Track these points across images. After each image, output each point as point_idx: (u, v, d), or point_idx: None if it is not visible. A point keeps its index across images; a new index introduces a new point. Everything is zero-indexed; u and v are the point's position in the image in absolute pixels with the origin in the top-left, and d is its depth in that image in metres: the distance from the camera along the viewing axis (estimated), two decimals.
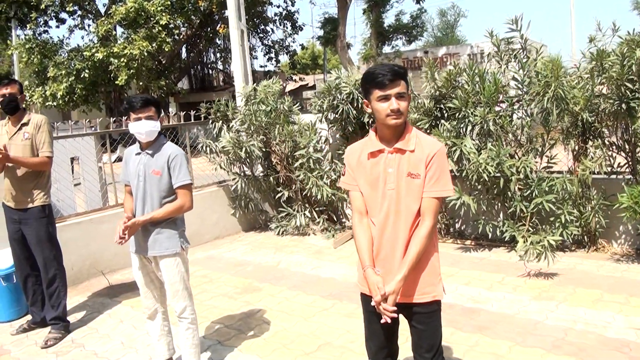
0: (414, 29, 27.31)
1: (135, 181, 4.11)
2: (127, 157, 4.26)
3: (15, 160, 5.10)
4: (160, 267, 4.13)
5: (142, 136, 4.02)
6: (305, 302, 5.84)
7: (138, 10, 21.79)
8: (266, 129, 8.71)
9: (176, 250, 4.11)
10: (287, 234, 8.73)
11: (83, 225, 6.98)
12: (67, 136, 7.14)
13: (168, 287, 4.15)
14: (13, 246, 5.50)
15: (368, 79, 2.88)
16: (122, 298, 6.36)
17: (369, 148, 3.00)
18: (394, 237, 2.94)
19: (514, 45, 7.59)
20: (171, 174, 4.06)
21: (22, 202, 5.27)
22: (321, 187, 8.13)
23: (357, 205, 3.05)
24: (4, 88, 5.27)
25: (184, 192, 4.09)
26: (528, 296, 5.69)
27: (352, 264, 6.99)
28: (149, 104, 4.03)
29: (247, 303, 5.91)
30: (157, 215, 4.01)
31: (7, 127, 5.36)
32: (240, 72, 9.70)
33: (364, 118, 8.20)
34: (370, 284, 2.92)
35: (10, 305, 5.96)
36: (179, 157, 4.09)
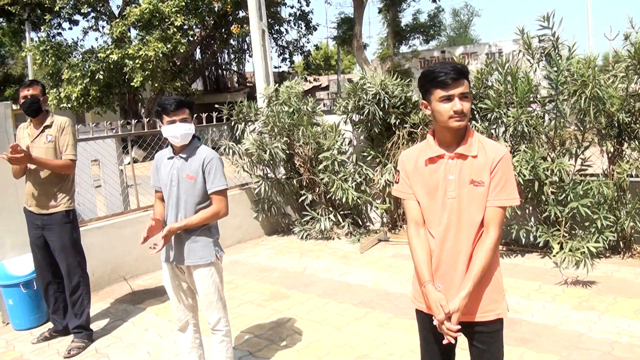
0: (431, 28, 27.04)
1: (168, 187, 3.92)
2: (158, 161, 4.06)
3: (37, 161, 4.91)
4: (194, 277, 3.94)
5: (177, 140, 3.82)
6: (337, 310, 5.62)
7: (153, 11, 21.72)
8: (289, 130, 8.51)
9: (211, 259, 3.91)
10: (310, 238, 8.52)
11: (105, 229, 6.81)
12: (89, 138, 6.97)
13: (202, 298, 3.96)
14: (35, 252, 5.31)
15: (428, 77, 2.67)
16: (146, 305, 6.17)
17: (427, 153, 2.79)
18: (455, 250, 2.72)
19: (545, 43, 7.35)
20: (206, 179, 3.87)
21: (45, 206, 5.09)
22: (346, 190, 7.92)
23: (413, 215, 2.84)
24: (25, 89, 5.11)
25: (219, 197, 3.90)
26: (568, 306, 5.46)
27: (381, 270, 6.79)
28: (182, 105, 3.83)
29: (276, 311, 5.71)
30: (191, 222, 3.82)
31: (29, 129, 5.19)
32: (261, 72, 9.51)
33: (390, 119, 7.98)
34: (431, 301, 2.69)
35: (30, 313, 5.78)
36: (214, 160, 3.89)
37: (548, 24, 7.08)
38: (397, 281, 6.37)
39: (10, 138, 5.84)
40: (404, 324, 5.16)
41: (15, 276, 5.66)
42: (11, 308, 5.74)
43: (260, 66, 9.50)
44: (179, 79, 25.06)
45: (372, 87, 7.85)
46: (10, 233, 5.84)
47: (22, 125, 5.32)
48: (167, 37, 22.15)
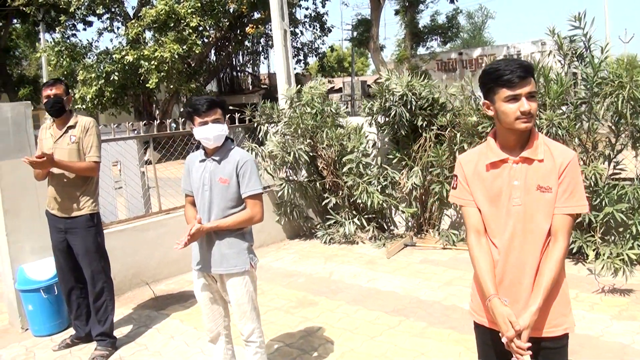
0: (449, 29, 26.81)
1: (200, 190, 3.72)
2: (189, 164, 3.87)
3: (60, 165, 4.74)
4: (227, 286, 3.74)
5: (210, 142, 3.63)
6: (368, 318, 5.42)
7: (168, 12, 21.62)
8: (312, 132, 8.32)
9: (245, 267, 3.72)
10: (334, 242, 8.32)
11: (126, 233, 6.64)
12: (110, 139, 6.80)
13: (235, 308, 3.76)
14: (57, 256, 5.14)
15: (492, 76, 2.47)
16: (170, 311, 5.99)
17: (489, 157, 2.59)
18: (521, 261, 2.53)
19: (576, 44, 7.14)
20: (240, 182, 3.67)
21: (69, 209, 4.92)
22: (372, 193, 7.72)
23: (474, 223, 2.64)
24: (48, 89, 4.94)
25: (254, 201, 3.70)
26: (608, 315, 5.24)
27: (410, 276, 6.58)
28: (215, 105, 3.64)
29: (305, 319, 5.51)
30: (224, 224, 3.63)
31: (52, 129, 5.02)
32: (283, 73, 9.34)
33: (417, 121, 7.78)
34: (498, 316, 2.48)
35: (51, 319, 5.61)
36: (248, 163, 3.69)
37: (580, 24, 6.87)
38: (428, 288, 6.16)
39: (31, 139, 5.69)
40: (440, 334, 4.96)
41: (36, 281, 5.48)
42: (31, 314, 5.57)
43: (283, 67, 9.33)
44: (194, 80, 24.94)
45: (398, 88, 7.65)
46: (30, 237, 5.67)
47: (44, 125, 5.15)
48: (182, 38, 22.06)
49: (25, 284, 5.47)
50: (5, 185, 5.49)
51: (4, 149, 5.46)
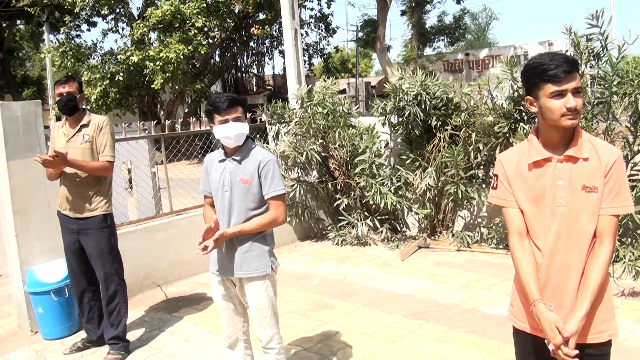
0: (456, 30, 26.70)
1: (220, 191, 3.59)
2: (208, 164, 3.74)
3: (73, 164, 4.63)
4: (246, 290, 3.60)
5: (231, 141, 3.49)
6: (387, 322, 5.29)
7: (174, 13, 21.51)
8: (324, 132, 8.21)
9: (266, 271, 3.58)
10: (345, 243, 8.19)
11: (137, 234, 6.53)
12: (122, 139, 6.68)
13: (254, 313, 3.61)
14: (69, 258, 5.03)
15: (537, 71, 2.36)
16: (183, 313, 5.87)
17: (532, 156, 2.47)
18: (565, 264, 2.41)
19: (593, 43, 7.02)
20: (262, 183, 3.53)
21: (82, 210, 4.80)
22: (385, 194, 7.60)
23: (516, 224, 2.52)
24: (61, 86, 4.82)
25: (277, 203, 3.56)
26: (630, 319, 5.12)
27: (426, 279, 6.46)
28: (235, 103, 3.50)
29: (322, 322, 5.38)
30: (246, 228, 3.49)
31: (65, 128, 4.91)
32: (293, 72, 9.24)
33: (431, 121, 7.66)
34: (544, 322, 2.35)
35: (62, 322, 5.49)
36: (271, 163, 3.55)
37: (597, 23, 6.76)
38: (446, 291, 6.04)
39: (41, 138, 5.58)
40: (461, 338, 4.84)
41: (46, 283, 5.37)
42: (41, 316, 5.45)
43: (293, 66, 9.22)
44: (198, 81, 24.84)
45: (412, 87, 7.53)
46: (39, 238, 5.56)
47: (57, 124, 5.04)
48: (187, 38, 21.97)
49: (35, 286, 5.36)
50: (15, 185, 5.38)
51: (14, 148, 5.35)
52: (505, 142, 7.05)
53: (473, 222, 7.97)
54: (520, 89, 6.94)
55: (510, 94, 7.09)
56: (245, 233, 3.51)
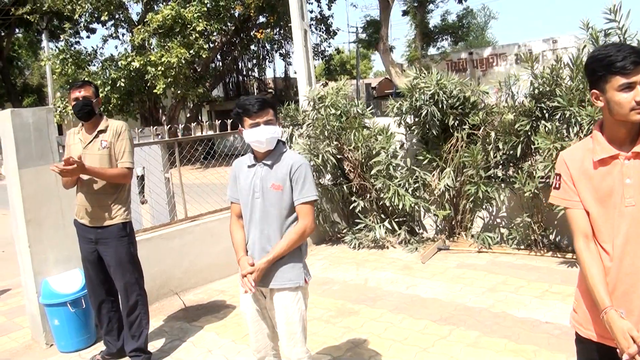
0: (460, 29, 26.57)
1: (249, 198, 3.39)
2: (236, 170, 3.55)
3: (91, 172, 4.46)
4: (275, 302, 3.40)
5: (262, 145, 3.32)
6: (416, 328, 5.12)
7: (175, 17, 21.38)
8: (338, 134, 8.04)
9: (299, 282, 3.39)
10: (363, 247, 8.02)
11: (152, 242, 6.36)
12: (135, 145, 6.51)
13: (283, 327, 3.40)
14: (87, 268, 4.85)
15: (604, 62, 2.20)
16: (203, 322, 5.70)
17: (597, 153, 2.31)
18: (636, 267, 2.26)
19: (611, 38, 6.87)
20: (293, 188, 3.34)
21: (100, 219, 4.62)
22: (403, 196, 7.44)
23: (582, 226, 2.36)
24: (77, 91, 4.65)
25: (306, 210, 3.35)
26: None
27: (450, 282, 6.29)
28: (266, 106, 3.32)
29: (349, 329, 5.21)
30: (280, 252, 3.29)
31: (81, 134, 4.73)
32: (304, 74, 9.06)
33: (447, 120, 7.50)
34: (616, 330, 2.19)
35: (78, 333, 5.32)
36: (303, 167, 3.36)
37: (615, 17, 6.62)
38: (472, 294, 5.87)
39: (54, 145, 5.43)
40: (495, 344, 4.66)
41: (62, 294, 5.20)
42: (57, 329, 5.28)
43: (303, 67, 9.05)
44: (200, 85, 24.72)
45: (429, 86, 7.37)
46: (54, 247, 5.40)
47: (72, 130, 4.86)
48: (189, 43, 21.85)
49: (50, 297, 5.20)
50: (28, 195, 5.22)
51: (26, 156, 5.20)
52: (527, 141, 6.89)
53: (492, 222, 7.81)
54: (542, 85, 6.78)
55: (530, 90, 6.93)
56: (280, 256, 3.32)
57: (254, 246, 3.40)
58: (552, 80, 6.68)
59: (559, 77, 6.70)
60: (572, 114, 6.37)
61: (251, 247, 3.42)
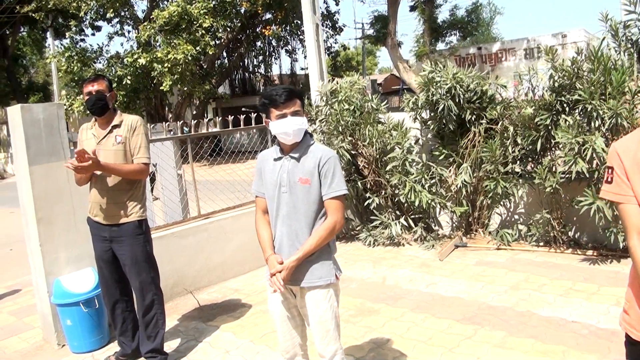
0: (469, 23, 26.36)
1: (276, 192, 3.25)
2: (262, 163, 3.40)
3: (106, 168, 4.31)
4: (307, 300, 3.27)
5: (289, 137, 3.18)
6: (439, 327, 4.97)
7: (181, 14, 21.25)
8: (352, 129, 7.89)
9: (330, 279, 3.26)
10: (377, 244, 7.87)
11: (165, 240, 6.22)
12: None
13: (316, 326, 3.28)
14: (100, 267, 4.71)
15: None
16: (219, 322, 5.56)
17: None
18: None
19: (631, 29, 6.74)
20: (322, 182, 3.19)
21: (115, 216, 4.48)
22: (419, 192, 7.29)
23: (636, 222, 2.18)
24: (90, 85, 4.50)
25: (336, 205, 3.20)
26: None
27: (471, 280, 6.14)
28: (293, 96, 3.18)
29: (370, 328, 5.05)
30: (309, 250, 3.15)
31: (95, 130, 4.58)
32: (316, 68, 8.91)
33: (464, 115, 7.33)
34: None
35: (91, 334, 5.19)
36: (332, 159, 3.21)
37: (634, 9, 6.49)
38: (494, 293, 5.72)
39: (64, 141, 5.29)
40: (522, 344, 4.51)
41: (74, 294, 5.07)
42: (69, 329, 5.15)
43: (315, 62, 8.90)
44: (207, 82, 24.59)
45: (445, 80, 7.21)
46: (65, 246, 5.27)
47: (85, 125, 4.72)
48: (195, 39, 21.72)
49: (63, 297, 5.06)
50: (38, 192, 5.09)
51: (36, 153, 5.07)
52: (547, 135, 6.73)
53: (510, 219, 7.65)
54: (561, 78, 6.62)
55: (550, 84, 6.77)
56: (310, 254, 3.19)
57: (282, 243, 3.26)
58: (572, 73, 6.52)
59: (580, 70, 6.53)
60: (594, 108, 6.21)
61: (278, 244, 3.28)
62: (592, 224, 6.64)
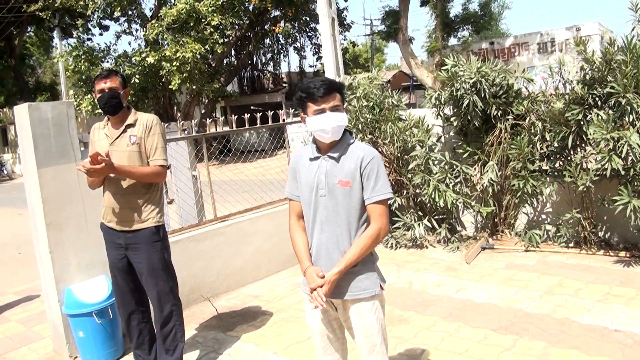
0: (482, 18, 25.99)
1: (313, 196, 2.95)
2: (296, 163, 3.10)
3: (120, 171, 4.02)
4: (351, 314, 2.98)
5: (327, 135, 2.87)
6: (475, 337, 4.65)
7: (189, 11, 20.99)
8: (372, 127, 7.59)
9: (375, 290, 2.97)
10: (399, 246, 7.55)
11: (181, 244, 5.92)
12: None
13: (362, 340, 3.00)
14: (115, 276, 4.42)
15: None
16: (239, 332, 5.27)
17: None
18: None
19: None
20: (364, 185, 2.89)
21: (130, 222, 4.19)
22: (443, 192, 6.98)
23: None
24: (102, 82, 4.22)
25: (380, 210, 2.90)
26: None
27: (502, 285, 5.83)
28: (333, 89, 2.88)
29: (401, 339, 4.74)
30: (353, 259, 2.86)
31: (107, 129, 4.30)
32: (332, 63, 8.63)
33: (490, 110, 7.01)
34: None
35: (105, 346, 4.90)
36: (375, 160, 2.90)
37: None
38: (529, 298, 5.40)
39: (75, 142, 5.01)
40: (566, 356, 4.21)
41: (87, 304, 4.79)
42: (81, 341, 4.87)
43: (331, 57, 8.61)
44: (216, 80, 24.34)
45: (470, 75, 6.90)
46: (77, 252, 4.99)
47: (97, 125, 4.43)
48: (203, 37, 21.47)
49: (74, 307, 4.79)
50: (48, 196, 4.81)
51: (45, 154, 4.80)
52: (578, 131, 6.41)
53: (537, 218, 7.33)
54: (593, 70, 6.30)
55: (581, 76, 6.45)
56: (353, 265, 2.89)
57: (319, 252, 2.97)
58: (605, 66, 6.20)
59: (612, 62, 6.21)
60: (628, 101, 5.89)
61: (316, 252, 2.99)
62: (623, 224, 6.34)
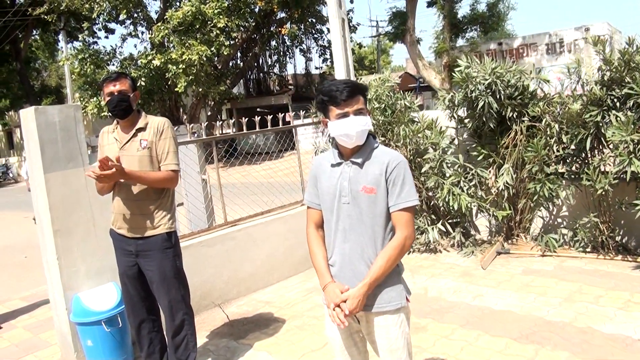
0: (490, 18, 25.82)
1: (335, 203, 2.80)
2: (317, 169, 2.95)
3: (131, 176, 3.89)
4: (376, 327, 2.83)
5: (351, 140, 2.73)
6: (496, 347, 4.50)
7: (195, 14, 20.91)
8: (384, 129, 7.45)
9: (401, 303, 2.82)
10: (413, 251, 7.40)
11: (191, 250, 5.79)
12: None
13: (386, 354, 2.84)
14: (125, 284, 4.30)
15: None
16: (252, 340, 5.13)
17: None
18: None
19: None
20: (389, 191, 2.74)
21: (141, 228, 4.07)
22: (458, 195, 6.83)
23: None
24: (111, 84, 4.10)
25: (407, 217, 2.74)
26: None
27: (520, 291, 5.67)
28: (357, 92, 2.74)
29: (420, 348, 4.58)
30: (379, 273, 2.70)
31: (117, 133, 4.17)
32: (342, 65, 8.47)
33: (505, 112, 6.86)
34: None
35: (114, 355, 4.77)
36: (402, 165, 2.75)
37: None
38: (549, 305, 5.24)
39: (82, 146, 4.89)
40: None
41: (96, 312, 4.66)
42: (90, 350, 4.74)
43: (341, 58, 8.45)
44: (222, 82, 24.24)
45: (484, 76, 6.75)
46: (84, 259, 4.87)
47: (106, 129, 4.30)
48: (209, 39, 21.38)
49: (83, 315, 4.66)
50: (55, 201, 4.70)
51: (52, 159, 4.69)
52: (596, 133, 6.26)
53: (553, 222, 7.18)
54: (611, 71, 6.15)
55: (599, 77, 6.30)
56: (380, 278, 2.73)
57: (342, 263, 2.82)
58: (623, 66, 6.05)
59: (631, 62, 6.05)
60: None
61: (338, 263, 2.84)
62: None
